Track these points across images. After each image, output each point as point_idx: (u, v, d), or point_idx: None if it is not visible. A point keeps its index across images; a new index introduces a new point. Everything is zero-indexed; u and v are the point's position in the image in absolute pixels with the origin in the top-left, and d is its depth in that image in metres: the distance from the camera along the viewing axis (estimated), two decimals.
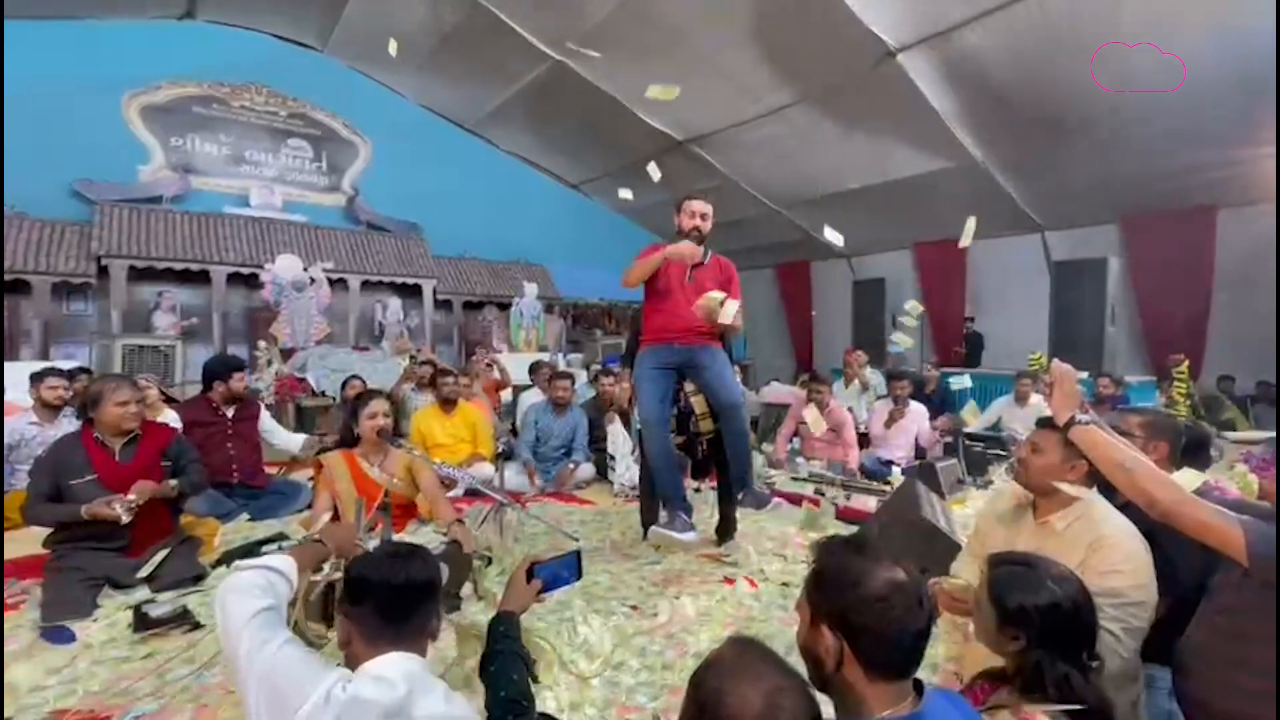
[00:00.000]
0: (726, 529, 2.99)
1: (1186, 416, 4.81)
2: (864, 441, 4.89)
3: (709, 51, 6.30)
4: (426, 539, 2.45)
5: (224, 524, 3.12)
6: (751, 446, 3.37)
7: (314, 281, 7.68)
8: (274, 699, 0.99)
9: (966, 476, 4.07)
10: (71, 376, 3.72)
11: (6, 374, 4.04)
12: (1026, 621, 1.15)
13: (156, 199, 7.74)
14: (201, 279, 7.57)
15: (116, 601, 2.27)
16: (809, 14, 5.36)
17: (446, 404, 4.27)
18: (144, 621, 2.05)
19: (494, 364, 5.87)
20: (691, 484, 3.39)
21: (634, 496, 3.50)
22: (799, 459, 4.69)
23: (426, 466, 2.83)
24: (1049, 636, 1.14)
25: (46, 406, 3.42)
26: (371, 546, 1.58)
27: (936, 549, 2.34)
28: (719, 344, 2.84)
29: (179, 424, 3.30)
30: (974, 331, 8.32)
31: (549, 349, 8.88)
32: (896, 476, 4.10)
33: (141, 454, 2.52)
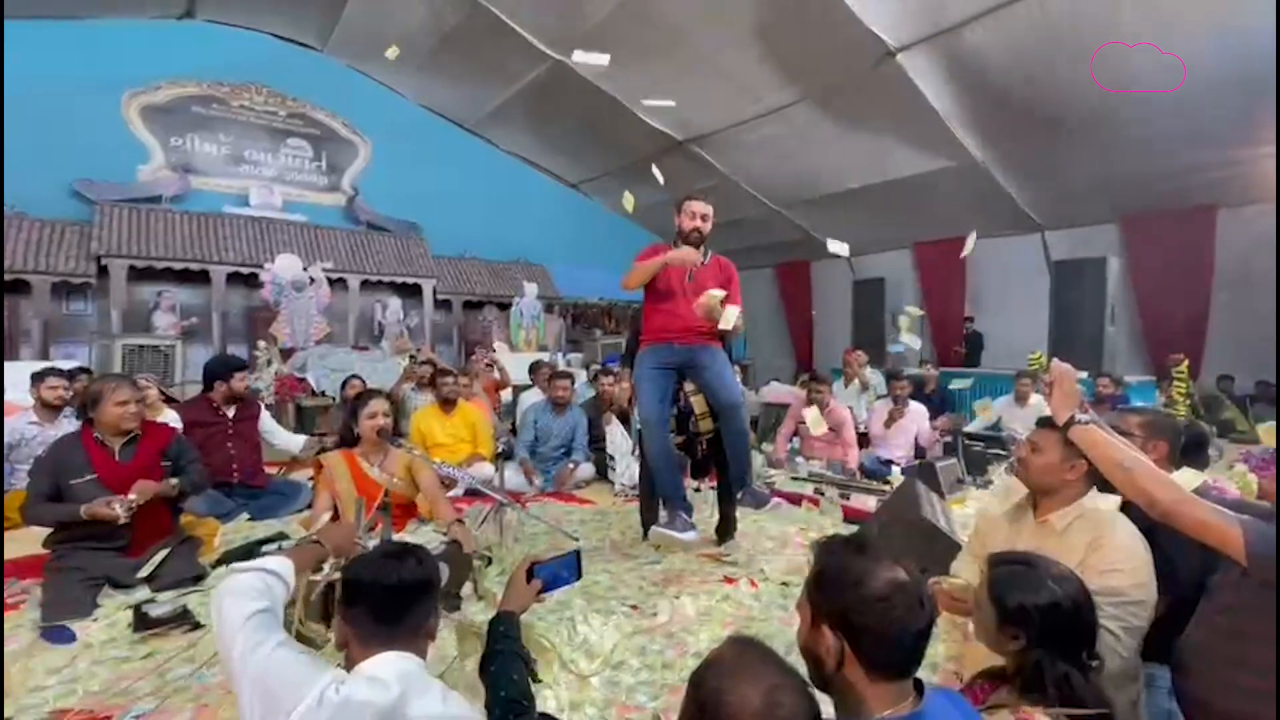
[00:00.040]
0: (726, 529, 3.00)
1: (1186, 416, 4.81)
2: (864, 441, 4.90)
3: (709, 51, 6.30)
4: (426, 539, 2.45)
5: (224, 524, 3.13)
6: (751, 446, 3.38)
7: (314, 281, 7.68)
8: (267, 701, 0.99)
9: (966, 476, 4.08)
10: (72, 376, 3.72)
11: (6, 374, 4.04)
12: (1026, 621, 1.16)
13: (156, 199, 7.74)
14: (201, 279, 7.57)
15: (116, 601, 2.27)
16: (809, 14, 5.36)
17: (446, 404, 4.27)
18: (144, 621, 2.05)
19: (494, 364, 5.87)
20: (691, 483, 3.39)
21: (634, 496, 3.50)
22: (799, 459, 4.69)
23: (426, 466, 2.83)
24: (1049, 636, 1.14)
25: (47, 406, 3.42)
26: (371, 546, 1.58)
27: (936, 549, 2.34)
28: (719, 344, 2.84)
29: (179, 424, 3.30)
30: (974, 331, 8.33)
31: (549, 349, 8.87)
32: (896, 476, 4.10)
33: (141, 454, 2.52)
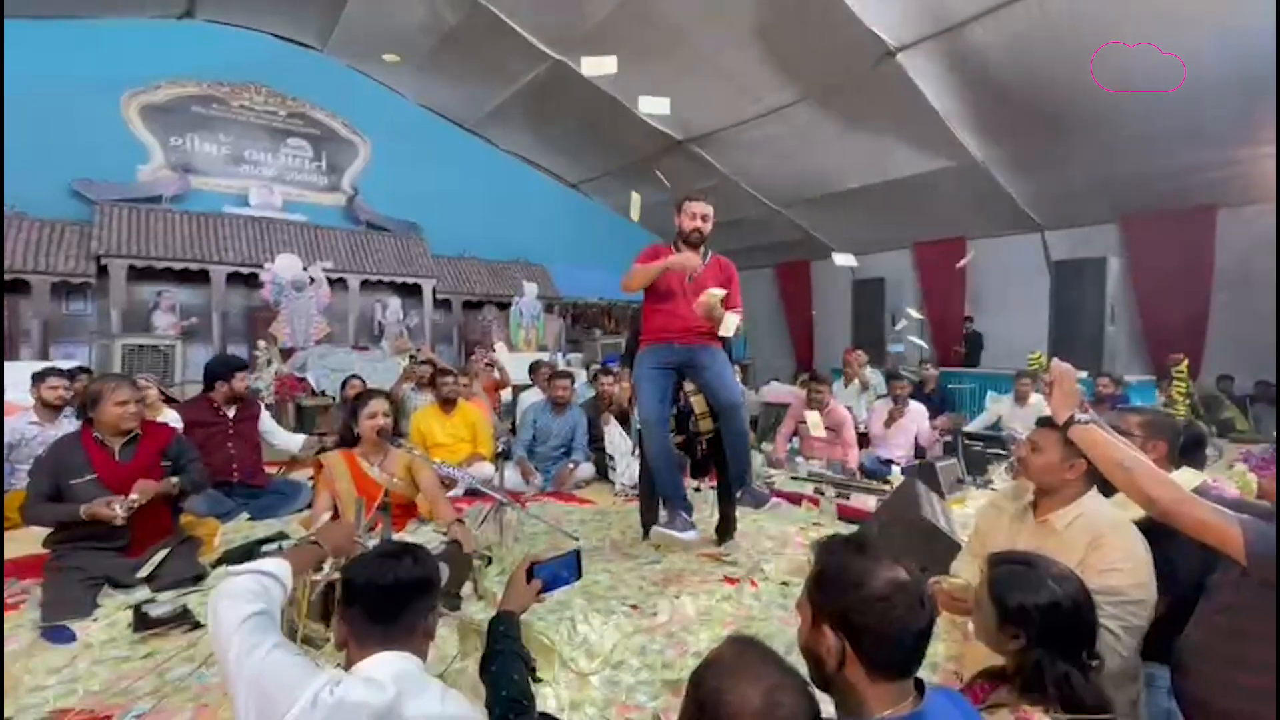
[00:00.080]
0: (726, 528, 3.00)
1: (1185, 416, 4.82)
2: (864, 441, 4.90)
3: (709, 51, 6.30)
4: (426, 539, 2.45)
5: (224, 524, 3.13)
6: (751, 446, 3.38)
7: (313, 281, 7.68)
8: (263, 703, 0.98)
9: (966, 476, 4.08)
10: (72, 376, 3.72)
11: (6, 374, 4.04)
12: (1026, 620, 1.16)
13: (156, 199, 7.73)
14: (201, 278, 7.56)
15: (116, 601, 2.27)
16: (809, 14, 5.36)
17: (446, 403, 4.27)
18: (144, 621, 2.05)
19: (493, 363, 5.87)
20: (691, 483, 3.39)
21: (634, 496, 3.50)
22: (798, 458, 4.69)
23: (426, 466, 2.83)
24: (1049, 635, 1.14)
25: (47, 406, 3.41)
26: (371, 546, 1.58)
27: (936, 548, 2.34)
28: (719, 344, 2.84)
29: (180, 424, 3.30)
30: (974, 331, 8.33)
31: (549, 349, 8.88)
32: (896, 476, 4.10)
33: (141, 454, 2.52)
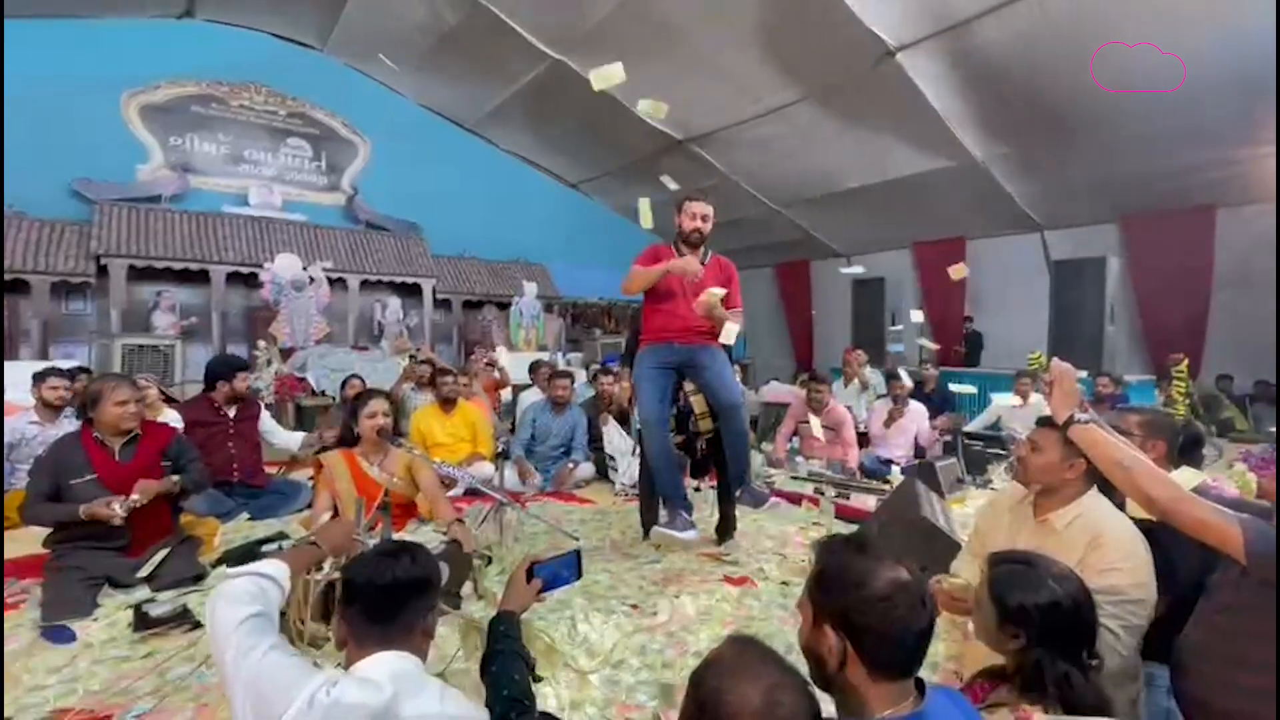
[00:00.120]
0: (726, 528, 3.00)
1: (1185, 415, 4.82)
2: (863, 441, 4.90)
3: (709, 51, 6.30)
4: (426, 538, 2.45)
5: (224, 523, 3.12)
6: (751, 446, 3.38)
7: (313, 281, 7.67)
8: (259, 705, 0.98)
9: (966, 476, 4.08)
10: (72, 376, 3.72)
11: (6, 374, 4.03)
12: (1026, 620, 1.16)
13: (155, 198, 7.73)
14: (201, 278, 7.56)
15: (116, 601, 2.27)
16: (809, 13, 5.36)
17: (446, 403, 4.27)
18: (144, 621, 2.05)
19: (493, 363, 5.87)
20: (691, 483, 3.39)
21: (634, 496, 3.50)
22: (798, 458, 4.69)
23: (426, 466, 2.83)
24: (1049, 635, 1.14)
25: (48, 406, 3.41)
26: (371, 545, 1.58)
27: (936, 548, 2.34)
28: (719, 343, 2.84)
29: (180, 423, 3.30)
30: (973, 331, 8.33)
31: (548, 348, 8.88)
32: (896, 476, 4.10)
33: (141, 454, 2.51)
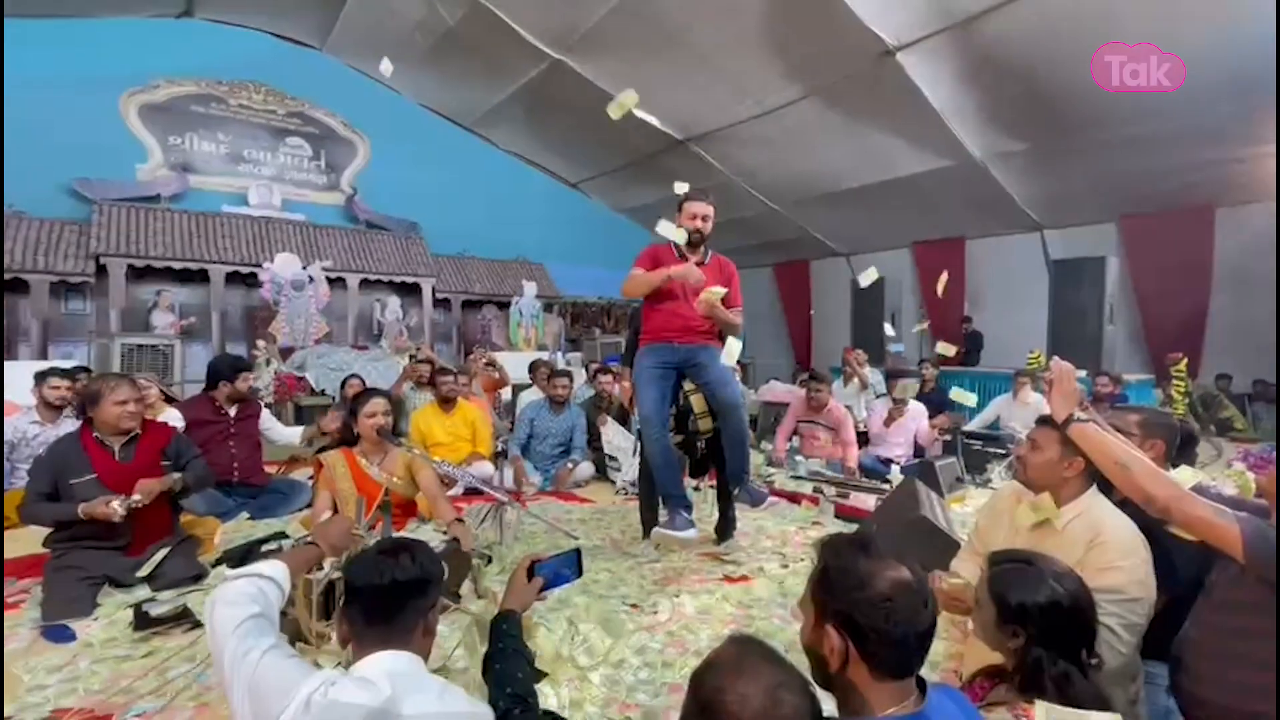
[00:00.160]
0: (726, 528, 3.00)
1: (1184, 415, 4.83)
2: (863, 440, 4.90)
3: (708, 51, 6.30)
4: (427, 538, 2.45)
5: (224, 523, 3.12)
6: (750, 445, 3.38)
7: (312, 280, 7.68)
8: (257, 706, 0.98)
9: (965, 475, 4.09)
10: (73, 376, 3.71)
11: (5, 373, 4.03)
12: (1026, 619, 1.16)
13: (155, 198, 7.73)
14: (200, 278, 7.57)
15: (116, 600, 2.27)
16: (808, 13, 5.37)
17: (445, 403, 4.26)
18: (144, 620, 2.05)
19: (492, 362, 5.87)
20: (690, 482, 3.39)
21: (635, 495, 3.50)
22: (798, 457, 4.69)
23: (426, 465, 2.83)
24: (1048, 634, 1.15)
25: (49, 406, 3.40)
26: (372, 543, 1.57)
27: (935, 547, 2.35)
28: (719, 343, 2.84)
29: (181, 422, 3.30)
30: (973, 330, 8.33)
31: (548, 348, 8.88)
32: (896, 475, 4.10)
33: (141, 453, 2.51)
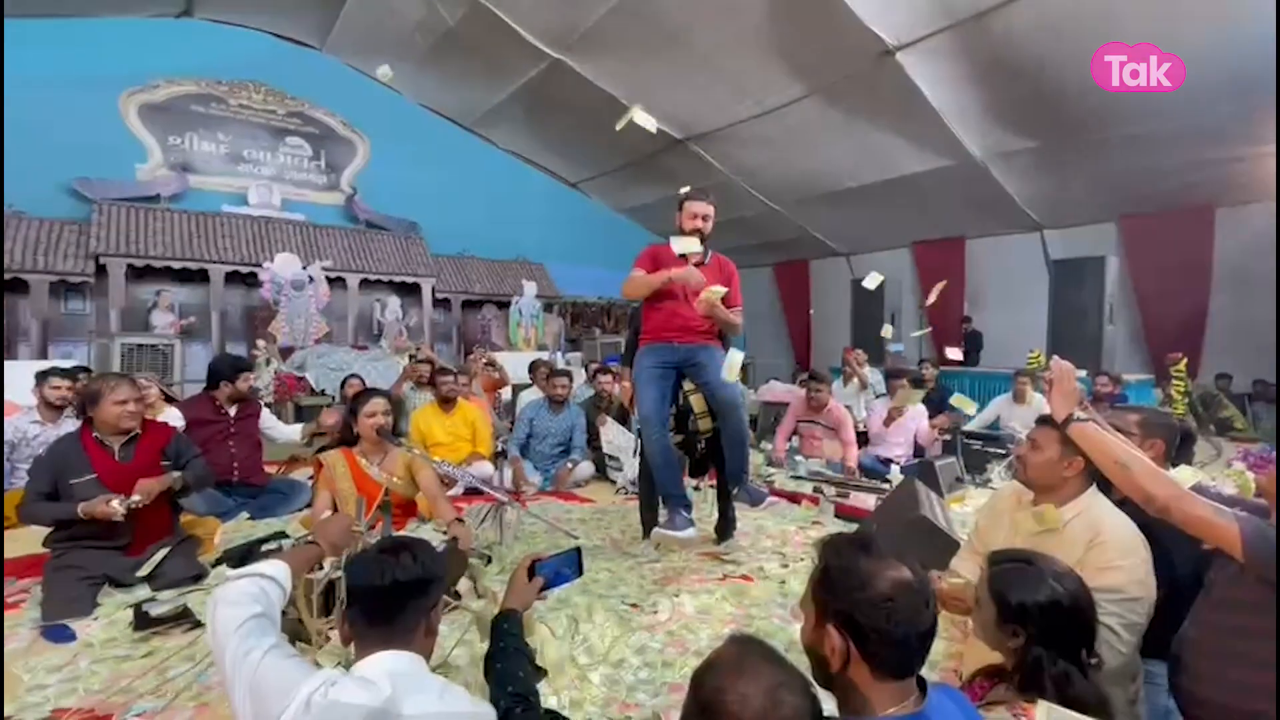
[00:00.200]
0: (726, 528, 3.00)
1: (1183, 414, 4.83)
2: (863, 440, 4.90)
3: (708, 50, 6.30)
4: (426, 538, 2.45)
5: (224, 523, 3.12)
6: (750, 445, 3.38)
7: (312, 280, 7.68)
8: (258, 706, 0.99)
9: (965, 475, 4.09)
10: (74, 376, 3.71)
11: (5, 373, 4.03)
12: (1026, 618, 1.16)
13: (154, 198, 7.73)
14: (200, 278, 7.57)
15: (116, 600, 2.27)
16: (808, 13, 5.37)
17: (445, 402, 4.26)
18: (144, 620, 2.05)
19: (492, 362, 5.86)
20: (690, 482, 3.39)
21: (635, 495, 3.50)
22: (798, 457, 4.70)
23: (426, 465, 2.83)
24: (1048, 633, 1.15)
25: (50, 406, 3.40)
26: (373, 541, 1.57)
27: (935, 547, 2.35)
28: (718, 343, 2.84)
29: (181, 421, 3.30)
30: (973, 330, 8.34)
31: (548, 347, 8.88)
32: (895, 475, 4.10)
33: (141, 453, 2.51)
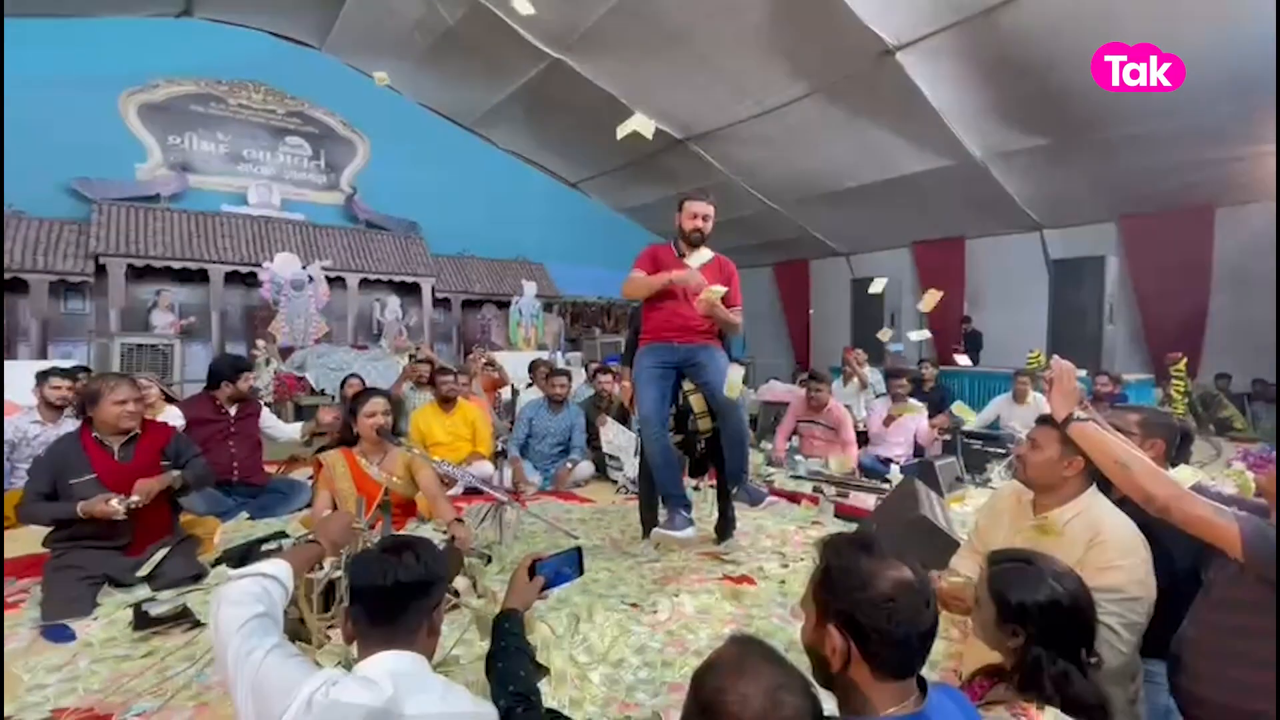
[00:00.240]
0: (726, 527, 3.00)
1: (1183, 414, 4.83)
2: (863, 440, 4.90)
3: (709, 51, 6.30)
4: (427, 537, 2.45)
5: (223, 523, 3.12)
6: (750, 445, 3.38)
7: (312, 280, 7.67)
8: (260, 705, 0.99)
9: (965, 474, 4.09)
10: (74, 376, 3.71)
11: (5, 373, 4.02)
12: (1026, 618, 1.16)
13: (154, 197, 7.73)
14: (199, 278, 7.57)
15: (116, 600, 2.27)
16: (808, 12, 5.37)
17: (445, 402, 4.26)
18: (144, 620, 2.05)
19: (491, 362, 5.86)
20: (690, 482, 3.39)
21: (635, 494, 3.50)
22: (798, 457, 4.70)
23: (426, 465, 2.83)
24: (1048, 633, 1.14)
25: (50, 406, 3.40)
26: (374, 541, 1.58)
27: (935, 547, 2.35)
28: (718, 343, 2.84)
29: (181, 421, 3.30)
30: (973, 330, 8.34)
31: (548, 347, 8.88)
32: (895, 475, 4.10)
33: (141, 453, 2.50)
